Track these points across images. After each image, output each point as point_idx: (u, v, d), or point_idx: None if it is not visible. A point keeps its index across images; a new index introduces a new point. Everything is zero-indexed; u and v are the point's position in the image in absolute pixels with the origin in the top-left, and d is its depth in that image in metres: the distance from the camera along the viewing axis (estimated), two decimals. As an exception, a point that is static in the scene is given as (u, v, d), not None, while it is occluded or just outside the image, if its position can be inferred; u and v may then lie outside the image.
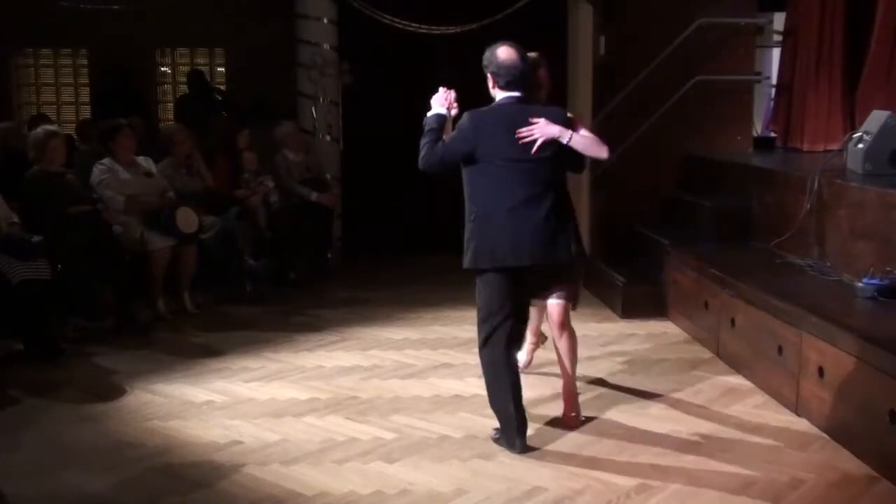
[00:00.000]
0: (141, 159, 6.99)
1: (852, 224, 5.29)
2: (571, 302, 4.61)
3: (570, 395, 4.62)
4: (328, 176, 8.70)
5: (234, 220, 7.37)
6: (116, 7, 9.43)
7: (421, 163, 4.26)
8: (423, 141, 4.26)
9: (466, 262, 4.26)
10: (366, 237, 9.20)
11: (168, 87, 11.40)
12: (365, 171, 9.19)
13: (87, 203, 6.41)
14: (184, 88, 10.81)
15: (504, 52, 4.23)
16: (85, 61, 11.19)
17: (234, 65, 11.02)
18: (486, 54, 4.27)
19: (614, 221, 8.01)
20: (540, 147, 4.16)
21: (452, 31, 8.11)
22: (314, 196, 8.21)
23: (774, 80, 8.67)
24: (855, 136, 5.89)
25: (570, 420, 4.56)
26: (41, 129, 6.46)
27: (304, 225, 8.06)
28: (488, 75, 4.29)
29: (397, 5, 8.57)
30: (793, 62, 7.89)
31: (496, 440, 4.30)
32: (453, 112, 4.36)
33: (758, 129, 8.79)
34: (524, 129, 4.17)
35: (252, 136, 8.19)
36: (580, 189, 8.93)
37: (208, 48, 11.25)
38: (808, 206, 5.64)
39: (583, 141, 4.26)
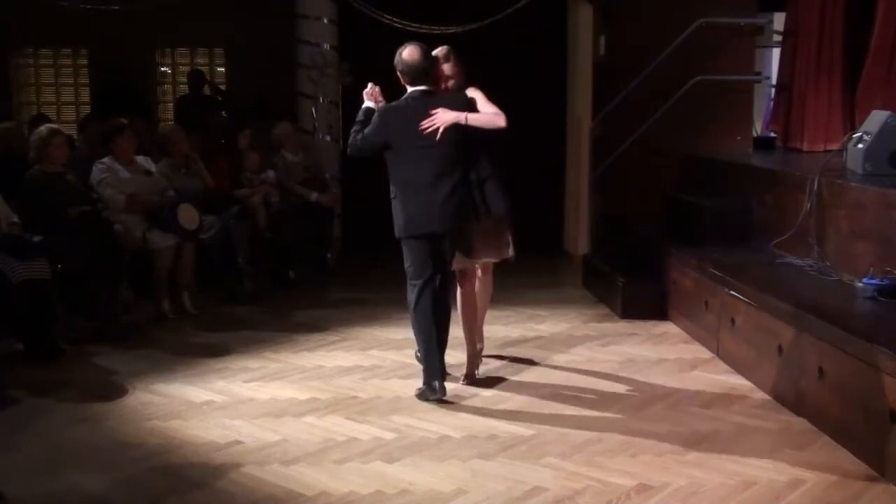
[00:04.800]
0: (140, 159, 7.01)
1: (852, 224, 5.29)
2: (498, 258, 5.29)
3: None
4: (327, 176, 8.70)
5: (234, 220, 7.37)
6: (116, 7, 9.42)
7: (348, 150, 5.11)
8: (353, 130, 5.06)
9: (396, 232, 5.00)
10: (366, 237, 9.19)
11: (168, 87, 11.40)
12: (365, 171, 9.16)
13: (87, 203, 6.41)
14: (184, 88, 10.81)
15: (408, 54, 4.96)
16: (85, 61, 11.18)
17: (234, 65, 11.02)
18: (396, 56, 4.97)
19: (614, 221, 8.01)
20: (443, 133, 4.82)
21: (452, 31, 8.11)
22: (314, 196, 8.21)
23: (774, 80, 8.66)
24: (855, 136, 5.89)
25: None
26: (44, 128, 6.46)
27: (304, 225, 8.07)
28: (398, 73, 4.99)
29: (397, 5, 8.57)
30: (793, 62, 7.89)
31: (419, 396, 4.93)
32: (380, 104, 5.06)
33: (758, 129, 8.79)
34: (425, 122, 4.84)
35: (253, 136, 8.19)
36: (580, 189, 8.96)
37: (208, 48, 11.25)
38: (808, 206, 5.64)
39: (480, 118, 4.91)
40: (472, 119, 4.89)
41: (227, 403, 4.91)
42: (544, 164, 9.33)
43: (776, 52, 8.64)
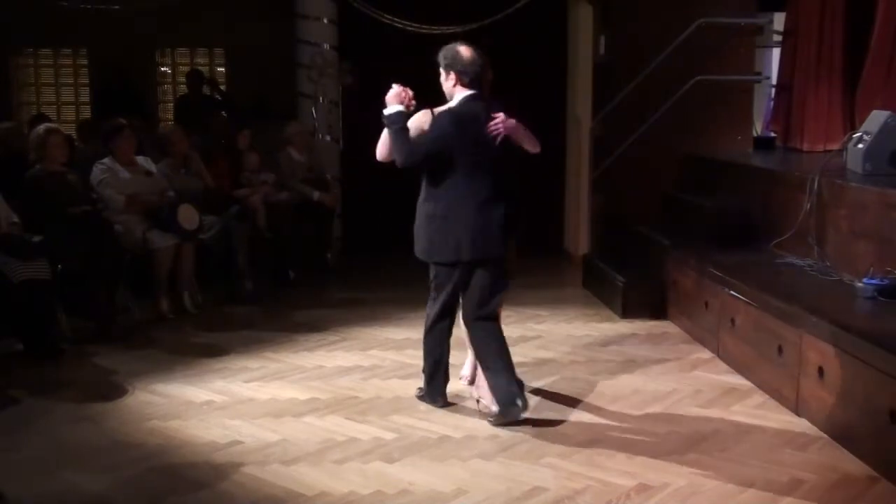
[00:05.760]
0: (140, 159, 7.01)
1: (852, 224, 5.29)
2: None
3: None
4: (328, 176, 8.71)
5: (234, 220, 7.38)
6: (116, 7, 9.43)
7: (402, 159, 4.39)
8: (397, 138, 4.40)
9: (429, 254, 4.54)
10: (366, 237, 9.20)
11: (168, 87, 11.40)
12: (365, 171, 9.17)
13: (87, 203, 6.42)
14: (184, 88, 10.82)
15: (467, 52, 4.47)
16: (85, 61, 11.19)
17: (234, 65, 11.03)
18: (447, 53, 4.48)
19: (614, 221, 8.01)
20: (501, 141, 4.39)
21: (452, 30, 8.12)
22: (316, 195, 8.22)
23: (774, 80, 8.66)
24: (855, 136, 5.89)
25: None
26: (41, 127, 6.49)
27: (304, 225, 8.07)
28: (452, 73, 4.47)
29: (397, 5, 8.58)
30: (793, 62, 7.89)
31: (420, 398, 4.86)
32: (410, 109, 4.51)
33: (758, 129, 8.79)
34: (493, 124, 4.37)
35: (253, 136, 8.19)
36: (580, 189, 8.96)
37: (208, 48, 11.26)
38: (808, 206, 5.64)
39: (527, 134, 4.52)
40: (526, 132, 4.51)
41: (227, 403, 4.91)
42: (544, 164, 9.31)
43: (776, 52, 8.64)
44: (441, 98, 4.61)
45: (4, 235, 5.68)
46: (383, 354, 5.83)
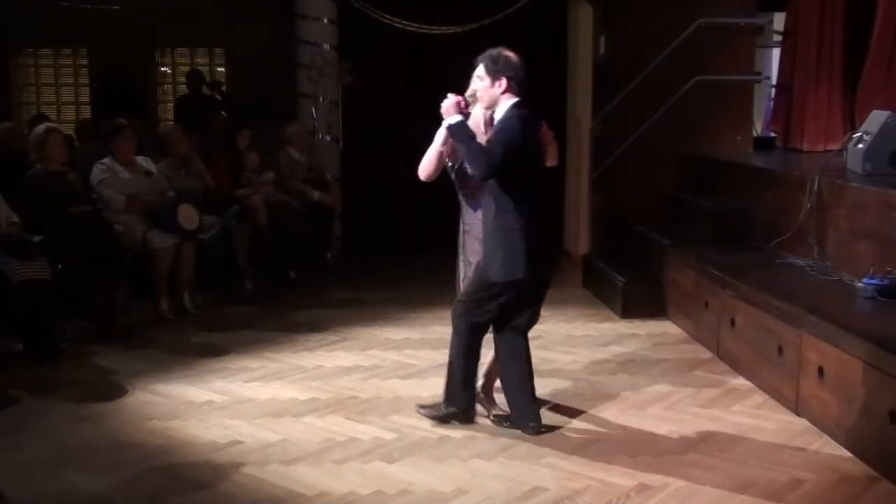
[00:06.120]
0: (140, 159, 7.01)
1: (852, 224, 5.29)
2: None
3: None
4: (328, 176, 8.71)
5: (234, 220, 7.38)
6: (116, 7, 9.44)
7: (486, 170, 4.09)
8: (471, 148, 4.12)
9: (507, 272, 4.20)
10: (366, 237, 9.20)
11: (168, 87, 11.41)
12: (365, 171, 9.20)
13: (87, 203, 6.42)
14: (184, 88, 10.83)
15: (515, 56, 4.25)
16: (85, 61, 11.21)
17: (234, 65, 11.04)
18: (496, 58, 4.23)
19: (614, 221, 8.01)
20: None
21: (452, 30, 8.12)
22: (316, 195, 8.22)
23: (774, 80, 8.67)
24: (855, 136, 5.89)
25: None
26: (41, 127, 6.50)
27: (304, 225, 8.07)
28: (503, 79, 4.21)
29: (397, 5, 8.58)
30: (793, 62, 7.89)
31: (430, 413, 4.54)
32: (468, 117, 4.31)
33: (758, 129, 8.79)
34: (546, 133, 4.35)
35: (253, 136, 8.20)
36: (580, 189, 8.96)
37: (208, 48, 11.27)
38: (808, 206, 5.64)
39: (555, 148, 4.49)
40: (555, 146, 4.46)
41: (227, 403, 4.91)
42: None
43: (776, 52, 8.65)
44: None
45: (4, 235, 5.68)
46: (383, 354, 5.83)
